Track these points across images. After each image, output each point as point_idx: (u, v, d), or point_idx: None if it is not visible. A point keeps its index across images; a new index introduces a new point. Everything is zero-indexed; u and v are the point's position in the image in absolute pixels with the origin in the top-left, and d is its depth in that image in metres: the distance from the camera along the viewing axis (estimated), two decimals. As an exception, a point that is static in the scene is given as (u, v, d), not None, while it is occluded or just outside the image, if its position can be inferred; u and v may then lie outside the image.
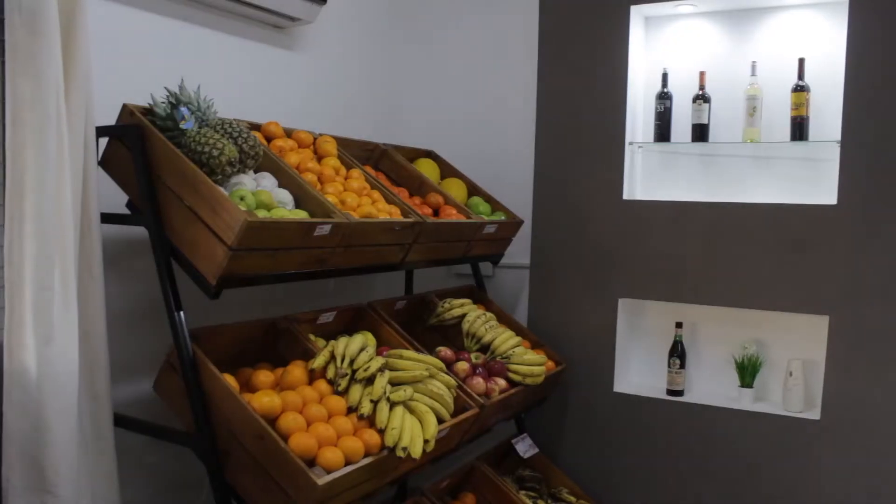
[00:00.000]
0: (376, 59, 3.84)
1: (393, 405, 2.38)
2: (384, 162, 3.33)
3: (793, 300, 3.23)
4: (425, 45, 4.03)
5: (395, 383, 2.47)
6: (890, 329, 3.08)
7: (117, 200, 2.37)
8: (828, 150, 3.21)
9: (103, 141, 2.36)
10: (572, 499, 3.39)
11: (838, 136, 3.13)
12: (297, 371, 2.37)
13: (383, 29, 3.88)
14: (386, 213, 2.74)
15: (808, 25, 3.35)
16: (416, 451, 2.31)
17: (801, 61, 3.27)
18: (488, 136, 3.90)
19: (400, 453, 2.27)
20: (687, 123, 3.48)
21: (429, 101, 4.04)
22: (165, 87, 2.37)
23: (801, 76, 3.27)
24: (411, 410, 2.43)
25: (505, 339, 3.17)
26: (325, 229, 2.34)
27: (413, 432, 2.33)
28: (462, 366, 2.89)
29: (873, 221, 3.09)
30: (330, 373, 2.39)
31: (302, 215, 2.39)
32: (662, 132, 3.51)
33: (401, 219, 2.75)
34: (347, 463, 2.17)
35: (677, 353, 3.49)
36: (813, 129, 3.28)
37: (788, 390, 3.32)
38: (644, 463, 3.50)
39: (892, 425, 3.08)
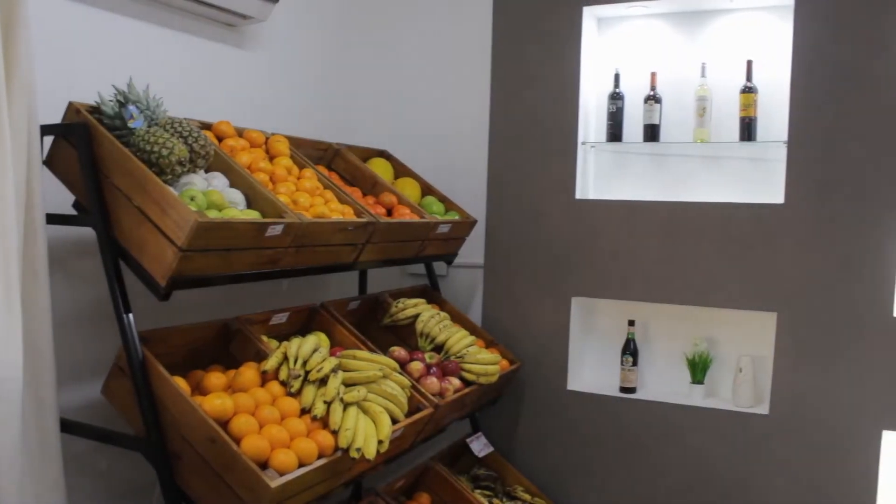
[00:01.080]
0: (330, 58, 3.81)
1: (346, 406, 2.37)
2: (337, 162, 3.31)
3: (742, 297, 3.29)
4: (379, 45, 4.02)
5: (348, 384, 2.45)
6: (835, 324, 3.15)
7: (63, 201, 2.32)
8: (775, 150, 3.28)
9: (48, 140, 2.31)
10: (527, 497, 3.41)
11: (785, 137, 3.20)
12: (249, 373, 2.34)
13: (337, 28, 3.85)
14: (339, 213, 2.73)
15: (756, 28, 3.41)
16: (370, 452, 2.30)
17: (750, 63, 3.33)
18: (442, 135, 3.90)
19: (354, 454, 2.26)
20: (639, 123, 3.52)
21: (383, 100, 4.02)
22: (113, 86, 2.33)
23: (749, 78, 3.33)
24: (365, 411, 2.42)
25: (459, 339, 3.17)
26: (278, 229, 2.32)
27: (367, 433, 2.33)
28: (416, 366, 2.89)
29: (819, 220, 3.16)
30: (283, 374, 2.37)
31: (254, 215, 2.37)
32: (615, 132, 3.55)
33: (354, 219, 2.74)
34: (301, 465, 2.15)
35: (630, 350, 3.53)
36: (761, 130, 3.34)
37: (738, 386, 3.38)
38: (598, 459, 3.54)
39: (837, 418, 3.16)
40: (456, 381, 3.00)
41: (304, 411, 2.30)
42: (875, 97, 3.06)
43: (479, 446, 3.49)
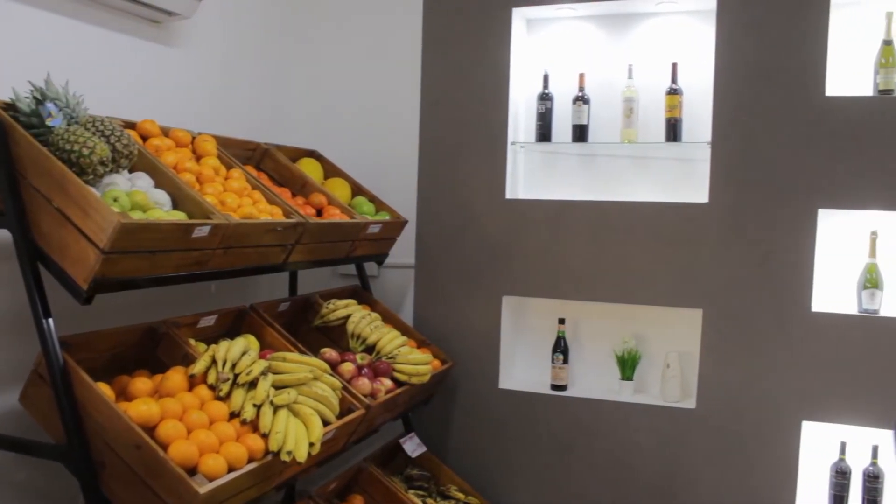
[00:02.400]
0: (258, 56, 3.76)
1: (277, 409, 2.34)
2: (266, 162, 3.27)
3: (669, 295, 3.36)
4: (309, 44, 3.98)
5: (278, 387, 2.43)
6: (757, 320, 3.24)
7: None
8: (699, 150, 3.36)
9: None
10: (461, 496, 3.42)
11: (709, 138, 3.28)
12: (176, 377, 2.29)
13: (265, 26, 3.80)
14: (267, 213, 2.69)
15: (680, 31, 3.49)
16: (302, 455, 2.27)
17: (675, 65, 3.40)
18: (372, 135, 3.89)
19: (285, 457, 2.24)
20: (568, 124, 3.57)
21: (312, 100, 3.99)
22: (29, 82, 2.25)
23: (674, 80, 3.40)
24: (296, 413, 2.39)
25: (390, 339, 3.17)
26: (204, 231, 2.27)
27: (298, 436, 2.30)
28: (347, 367, 2.87)
29: (741, 218, 3.25)
30: (211, 378, 2.33)
31: (179, 216, 2.32)
32: (544, 132, 3.59)
33: (283, 219, 2.71)
34: (231, 469, 2.12)
35: (560, 348, 3.57)
36: (686, 131, 3.42)
37: (666, 381, 3.45)
38: (531, 457, 3.57)
39: (759, 410, 3.25)
40: (388, 382, 2.99)
41: (234, 415, 2.27)
42: (793, 99, 3.17)
43: (412, 446, 3.48)
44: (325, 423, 2.48)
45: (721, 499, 3.32)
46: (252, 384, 2.35)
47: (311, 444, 2.33)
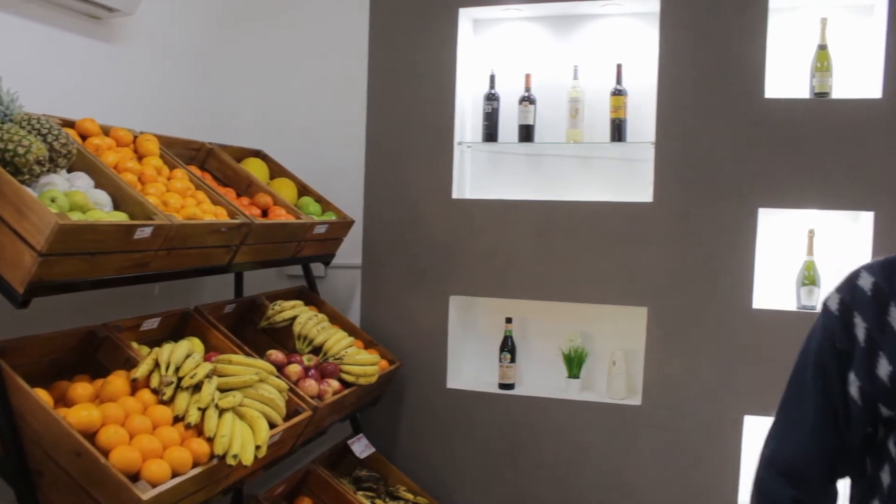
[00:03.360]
0: (202, 55, 3.70)
1: (222, 412, 2.31)
2: (210, 162, 3.23)
3: (615, 293, 3.40)
4: (254, 43, 3.93)
5: (224, 389, 2.39)
6: (700, 317, 3.30)
7: None
8: (644, 150, 3.40)
9: None
10: (410, 496, 3.41)
11: (653, 138, 3.33)
12: (118, 382, 2.24)
13: (210, 24, 3.75)
14: (212, 214, 2.66)
15: (625, 33, 3.54)
16: (248, 458, 2.25)
17: (619, 67, 3.45)
18: (319, 135, 3.86)
19: (231, 461, 2.21)
20: (514, 124, 3.59)
21: (258, 99, 3.94)
22: (-38, 79, 2.19)
23: (619, 80, 3.44)
24: (242, 416, 2.36)
25: (337, 340, 3.15)
26: (146, 232, 2.23)
27: (244, 439, 2.27)
28: (294, 368, 2.84)
29: (684, 217, 3.30)
30: (154, 382, 2.28)
31: (121, 217, 2.27)
32: (490, 132, 3.60)
33: (227, 220, 2.67)
34: (175, 475, 2.08)
35: (507, 347, 3.59)
36: (631, 131, 3.46)
37: (612, 379, 3.49)
38: (479, 456, 3.58)
39: (703, 405, 3.32)
40: (335, 383, 2.98)
41: (178, 419, 2.23)
42: (734, 100, 3.23)
43: (361, 447, 3.47)
44: (272, 425, 2.45)
45: (667, 493, 3.37)
46: (197, 387, 2.32)
47: (258, 447, 2.30)
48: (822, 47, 3.23)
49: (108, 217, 2.22)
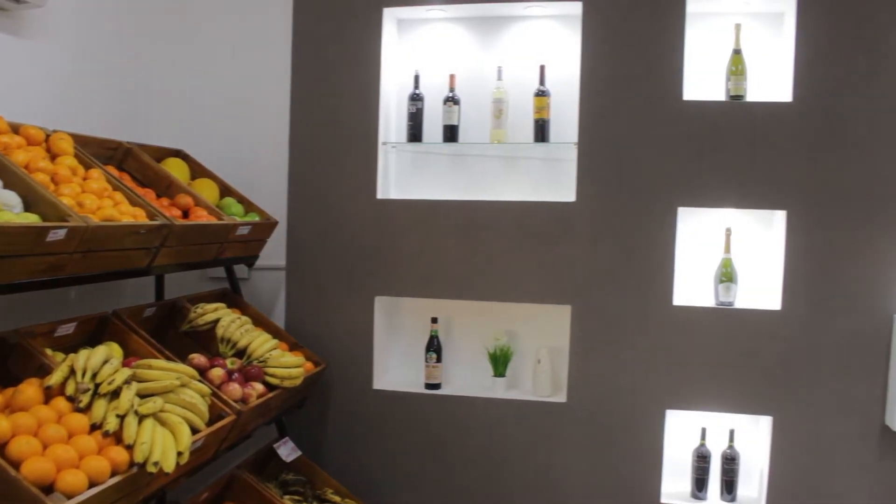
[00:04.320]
0: (118, 50, 3.59)
1: (142, 418, 2.25)
2: (129, 162, 3.14)
3: (539, 292, 3.44)
4: (174, 40, 3.84)
5: (144, 395, 2.33)
6: (623, 314, 3.37)
7: None
8: (567, 150, 3.45)
9: None
10: (337, 499, 3.38)
11: (576, 138, 3.38)
12: (30, 390, 2.16)
13: (128, 20, 3.64)
14: (130, 215, 2.58)
15: (548, 35, 3.58)
16: (169, 465, 2.20)
17: (542, 68, 3.48)
18: (241, 135, 3.80)
19: (151, 468, 2.15)
20: (439, 124, 3.59)
21: (179, 97, 3.85)
22: None
23: (542, 81, 3.48)
24: (162, 423, 2.31)
25: (261, 343, 3.10)
26: (60, 234, 2.16)
27: (165, 445, 2.22)
28: (217, 372, 2.79)
29: (606, 217, 3.36)
30: (69, 389, 2.21)
31: (32, 219, 2.19)
32: (415, 133, 3.60)
33: (147, 221, 2.61)
34: (92, 485, 2.02)
35: (433, 347, 3.60)
36: (554, 132, 3.50)
37: (538, 376, 3.53)
38: (407, 456, 3.57)
39: (626, 401, 3.39)
40: (259, 386, 2.93)
41: (95, 427, 2.16)
42: (654, 102, 3.31)
43: (287, 451, 3.42)
44: (195, 430, 2.40)
45: (592, 488, 3.43)
46: (115, 394, 2.25)
47: (180, 454, 2.25)
48: (737, 52, 3.33)
49: (18, 219, 2.14)
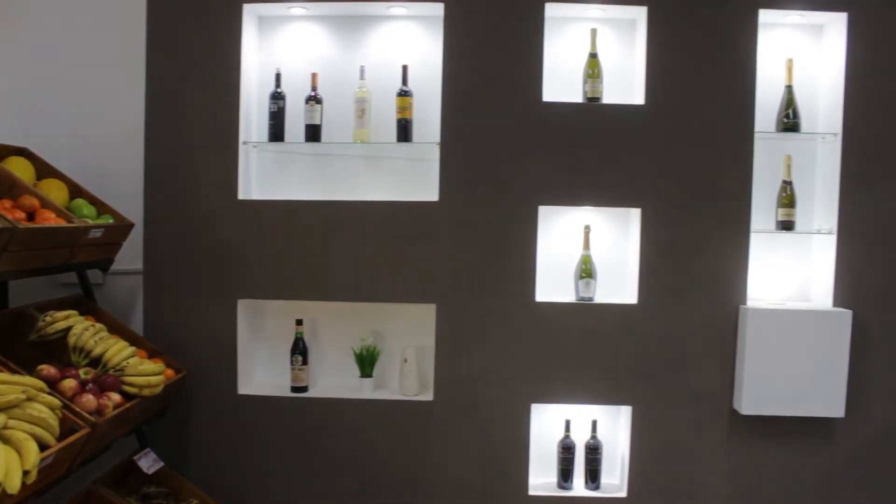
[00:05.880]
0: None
1: (-16, 436, 2.11)
2: (-35, 162, 2.95)
3: (404, 291, 3.46)
4: (17, 31, 3.63)
5: (-15, 411, 2.19)
6: (487, 312, 3.43)
7: None
8: (430, 150, 3.48)
9: None
10: (201, 509, 3.30)
11: (438, 138, 3.40)
12: None
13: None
14: (-33, 219, 2.42)
15: (411, 35, 3.59)
16: (14, 485, 2.07)
17: (405, 68, 3.50)
18: (93, 133, 3.63)
19: (-6, 490, 2.03)
20: (301, 124, 3.54)
21: (22, 93, 3.64)
22: None
23: (405, 81, 3.49)
24: (6, 440, 2.17)
25: (118, 351, 2.98)
26: None
27: (9, 464, 2.09)
28: (68, 383, 2.66)
29: (469, 216, 3.41)
30: None
31: None
32: (276, 132, 3.54)
33: (-14, 226, 2.45)
34: (-74, 510, 1.88)
35: (299, 350, 3.56)
36: (417, 131, 3.52)
37: (404, 376, 3.54)
38: (275, 462, 3.52)
39: (493, 397, 3.46)
40: (116, 396, 2.81)
41: (-70, 448, 2.02)
42: (514, 103, 3.38)
43: (148, 463, 3.30)
44: (44, 447, 2.28)
45: (462, 484, 3.48)
46: (-48, 411, 2.11)
47: (26, 473, 2.13)
48: (593, 55, 3.45)
49: None
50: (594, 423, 3.53)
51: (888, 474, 3.46)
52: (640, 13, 3.41)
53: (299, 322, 3.57)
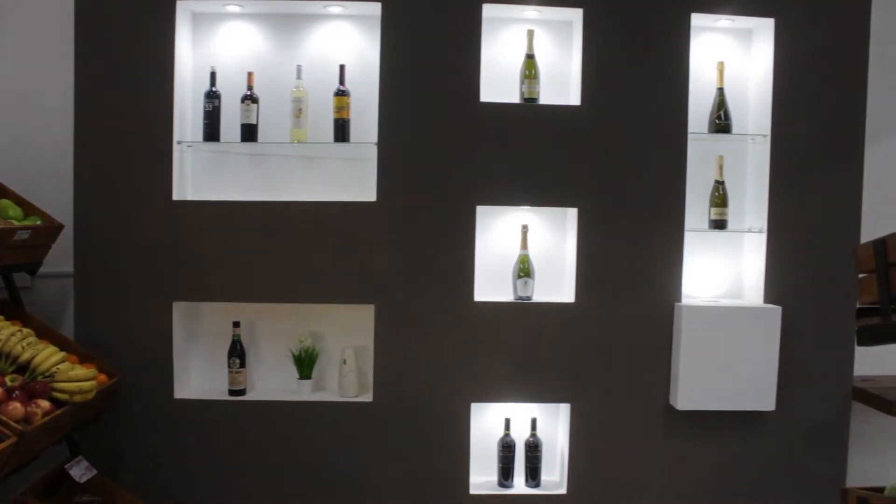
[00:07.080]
0: None
1: None
2: None
3: (342, 292, 3.44)
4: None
5: None
6: (426, 312, 3.44)
7: None
8: (368, 150, 3.47)
9: None
10: (136, 517, 3.23)
11: (376, 139, 3.39)
12: None
13: None
14: None
15: (348, 35, 3.58)
16: (-63, 497, 2.00)
17: (342, 67, 3.48)
18: (20, 133, 3.55)
19: (-85, 503, 1.95)
20: (237, 123, 3.50)
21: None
22: None
23: (342, 81, 3.47)
24: (-71, 451, 2.10)
25: (47, 356, 2.90)
26: None
27: (-69, 476, 2.02)
28: (-6, 391, 2.58)
29: (407, 216, 3.41)
30: None
31: None
32: (212, 131, 3.49)
33: None
34: None
35: (236, 352, 3.52)
36: (355, 131, 3.51)
37: (344, 377, 3.53)
38: (214, 466, 3.47)
39: (433, 397, 3.47)
40: (45, 403, 2.74)
41: None
42: (452, 104, 3.40)
43: (80, 471, 3.22)
44: (-32, 457, 2.20)
45: (404, 484, 3.48)
46: None
47: (-51, 484, 2.06)
48: (530, 56, 3.48)
49: None
50: (534, 422, 3.56)
51: (817, 463, 3.57)
52: (577, 15, 3.46)
53: (236, 324, 3.53)
